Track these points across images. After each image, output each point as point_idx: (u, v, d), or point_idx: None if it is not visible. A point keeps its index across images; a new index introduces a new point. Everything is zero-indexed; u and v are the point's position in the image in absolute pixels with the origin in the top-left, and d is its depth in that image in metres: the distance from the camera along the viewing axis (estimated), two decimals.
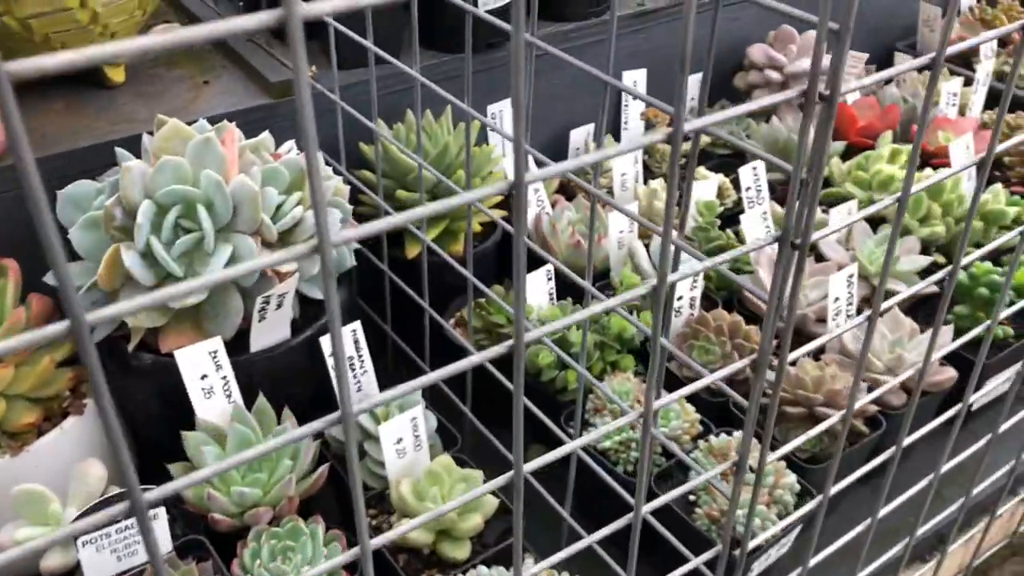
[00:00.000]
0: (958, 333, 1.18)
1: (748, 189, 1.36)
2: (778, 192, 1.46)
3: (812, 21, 0.49)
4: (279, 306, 0.96)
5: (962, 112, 1.61)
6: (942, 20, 1.82)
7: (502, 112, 1.40)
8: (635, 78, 1.52)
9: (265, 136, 1.05)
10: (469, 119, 0.93)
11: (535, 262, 1.20)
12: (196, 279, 0.30)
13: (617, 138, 1.56)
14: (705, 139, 1.51)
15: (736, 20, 1.60)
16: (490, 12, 1.28)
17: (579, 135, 1.49)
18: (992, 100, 1.66)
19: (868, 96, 1.59)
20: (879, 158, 1.37)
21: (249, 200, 0.95)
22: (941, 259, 1.29)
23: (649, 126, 1.52)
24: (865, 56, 1.57)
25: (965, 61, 1.80)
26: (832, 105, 0.52)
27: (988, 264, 1.19)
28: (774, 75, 1.54)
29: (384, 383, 1.21)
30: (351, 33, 1.05)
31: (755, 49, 1.57)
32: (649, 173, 1.51)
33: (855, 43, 1.77)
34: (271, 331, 0.99)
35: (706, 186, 1.31)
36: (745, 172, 1.35)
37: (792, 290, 0.58)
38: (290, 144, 1.09)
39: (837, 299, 1.12)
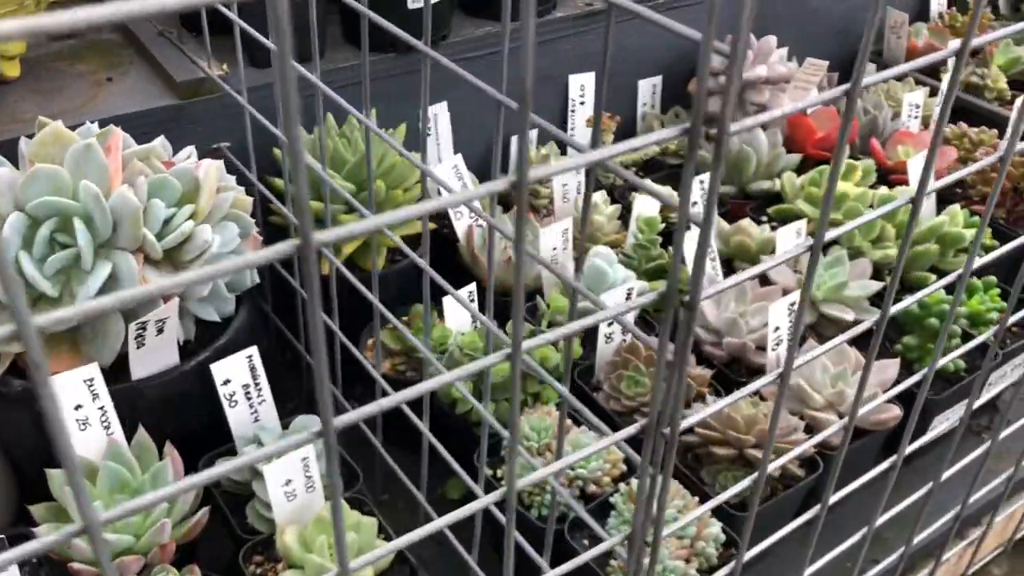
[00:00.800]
0: (907, 366, 1.11)
1: (695, 205, 1.28)
2: (728, 207, 1.39)
3: (695, 39, 0.41)
4: (160, 331, 0.88)
5: (926, 124, 1.54)
6: (910, 27, 1.75)
7: (436, 116, 1.31)
8: (583, 82, 1.44)
9: (157, 143, 0.96)
10: (369, 128, 0.85)
11: (465, 278, 1.13)
12: (70, 306, 0.22)
13: (563, 148, 1.48)
14: (650, 151, 1.43)
15: (692, 23, 1.51)
16: (415, 10, 1.19)
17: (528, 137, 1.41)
18: (960, 112, 1.59)
19: (828, 106, 1.52)
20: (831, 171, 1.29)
21: (130, 215, 0.86)
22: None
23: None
24: (825, 64, 1.50)
25: (932, 70, 1.72)
26: (720, 146, 0.44)
27: (941, 292, 1.12)
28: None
29: (299, 408, 1.13)
30: (253, 31, 0.96)
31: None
32: (597, 183, 1.43)
33: (816, 49, 1.69)
34: (153, 357, 0.90)
35: (648, 200, 1.24)
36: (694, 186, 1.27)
37: (681, 349, 0.50)
38: (190, 150, 1.00)
39: (777, 328, 1.04)
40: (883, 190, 1.26)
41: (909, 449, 0.78)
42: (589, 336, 1.09)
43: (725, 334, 1.10)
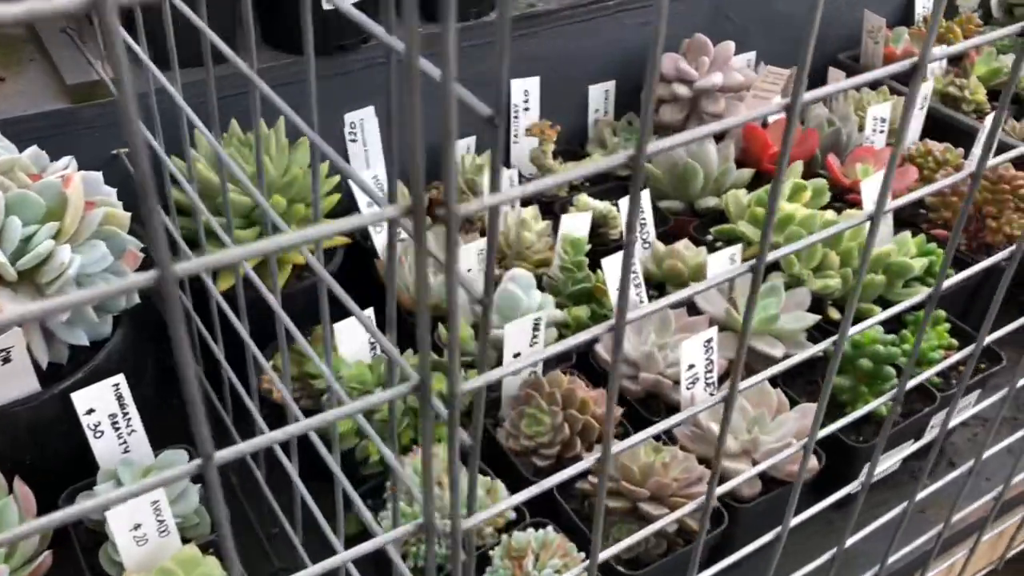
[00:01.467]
0: (837, 409, 1.04)
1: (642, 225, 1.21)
2: (671, 224, 1.31)
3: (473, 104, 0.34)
4: (6, 360, 0.82)
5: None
6: (888, 31, 1.66)
7: (363, 121, 1.25)
8: (527, 87, 1.37)
9: (27, 153, 0.90)
10: (254, 134, 0.78)
11: (383, 298, 1.06)
12: None
13: (507, 154, 1.41)
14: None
15: (645, 25, 1.44)
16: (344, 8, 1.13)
17: (457, 149, 1.34)
18: (936, 126, 1.50)
19: None
20: (779, 194, 1.21)
21: None
22: (836, 315, 1.14)
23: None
24: (786, 72, 1.41)
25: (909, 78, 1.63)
26: (452, 226, 0.37)
27: (876, 330, 1.04)
28: (682, 90, 1.38)
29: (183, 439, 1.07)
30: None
31: (665, 59, 1.41)
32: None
33: (788, 55, 1.61)
34: (7, 385, 0.85)
35: (577, 219, 1.16)
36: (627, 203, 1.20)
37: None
38: (68, 161, 0.94)
39: (692, 367, 0.97)
40: (831, 213, 1.18)
41: (834, 498, 0.71)
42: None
43: (642, 368, 1.03)
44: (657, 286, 1.20)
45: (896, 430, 1.03)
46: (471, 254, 1.08)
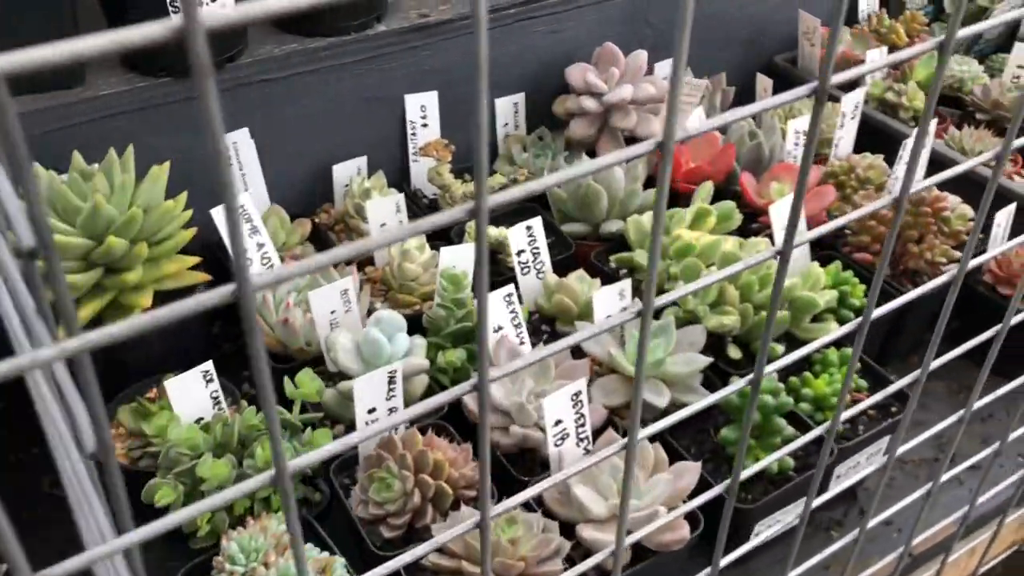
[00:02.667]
0: (725, 462, 0.96)
1: (521, 253, 1.12)
2: (575, 249, 1.22)
3: None
4: None
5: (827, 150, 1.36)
6: (823, 31, 1.56)
7: (236, 144, 1.16)
8: (423, 102, 1.28)
9: None
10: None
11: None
12: None
13: (406, 173, 1.32)
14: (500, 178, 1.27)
15: (556, 32, 1.34)
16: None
17: (346, 171, 1.25)
18: (872, 135, 1.41)
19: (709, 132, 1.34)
20: (681, 220, 1.13)
21: None
22: (736, 354, 1.05)
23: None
24: (703, 84, 1.32)
25: (851, 83, 1.54)
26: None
27: (772, 379, 0.96)
28: (590, 104, 1.29)
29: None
30: None
31: (574, 71, 1.32)
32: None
33: (718, 61, 1.51)
34: None
35: (459, 251, 1.08)
36: (517, 232, 1.12)
37: None
38: None
39: (559, 422, 0.89)
40: (732, 242, 1.09)
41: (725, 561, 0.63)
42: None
43: (515, 419, 0.95)
44: (550, 320, 1.12)
45: (792, 485, 0.95)
46: (335, 292, 1.00)
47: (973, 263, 0.57)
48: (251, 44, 1.14)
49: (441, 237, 1.24)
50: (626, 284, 1.05)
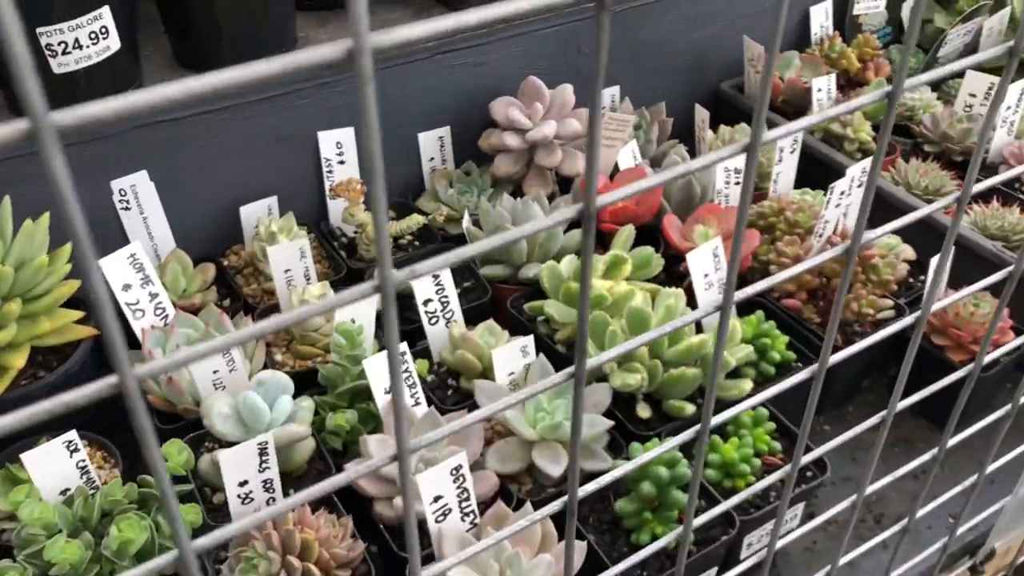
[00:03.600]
0: (623, 534, 0.91)
1: (428, 302, 1.07)
2: (493, 293, 1.17)
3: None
4: None
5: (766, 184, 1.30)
6: (782, 53, 1.50)
7: (135, 187, 1.11)
8: (339, 139, 1.23)
9: None
10: None
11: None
12: None
13: (324, 211, 1.27)
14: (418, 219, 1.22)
15: (480, 64, 1.29)
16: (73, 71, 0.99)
17: (256, 211, 1.20)
18: (814, 168, 1.35)
19: (639, 167, 1.29)
20: (593, 269, 1.08)
21: None
22: (646, 413, 1.00)
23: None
24: (631, 119, 1.27)
25: (799, 110, 1.48)
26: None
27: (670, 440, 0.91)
28: (513, 141, 1.24)
29: None
30: None
31: (498, 105, 1.27)
32: (328, 261, 1.22)
33: (661, 89, 1.46)
34: None
35: (357, 305, 1.03)
36: (424, 282, 1.07)
37: None
38: None
39: (439, 498, 0.84)
40: (640, 298, 1.03)
41: None
42: None
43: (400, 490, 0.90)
44: (456, 374, 1.07)
45: (693, 561, 0.90)
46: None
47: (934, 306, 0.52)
48: (146, 81, 1.10)
49: (357, 278, 1.19)
50: (528, 340, 1.00)
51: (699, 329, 1.06)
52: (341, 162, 1.24)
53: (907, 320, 0.56)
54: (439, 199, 1.30)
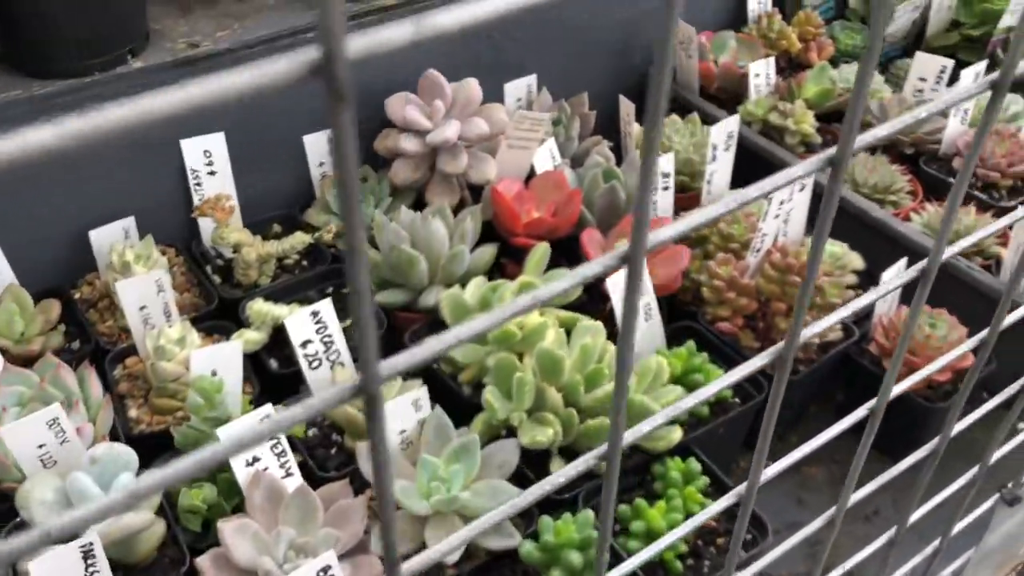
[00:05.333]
0: None
1: (307, 344, 0.92)
2: (391, 323, 1.02)
3: None
4: None
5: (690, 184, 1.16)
6: (707, 39, 1.36)
7: None
8: (206, 147, 1.06)
9: None
10: None
11: None
12: None
13: (194, 229, 1.10)
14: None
15: (370, 65, 1.12)
16: None
17: (108, 235, 1.03)
18: (756, 164, 1.22)
19: (558, 169, 1.14)
20: (500, 297, 0.93)
21: None
22: (559, 463, 0.86)
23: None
24: (545, 117, 1.11)
25: (735, 97, 1.34)
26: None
27: (587, 513, 0.77)
28: (411, 145, 1.08)
29: None
30: None
31: (394, 103, 1.10)
32: (202, 293, 1.06)
33: (583, 78, 1.31)
34: None
35: (223, 351, 0.87)
36: (299, 320, 0.91)
37: None
38: None
39: None
40: (551, 333, 0.89)
41: None
42: None
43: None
44: (340, 429, 0.92)
45: None
46: (38, 424, 0.78)
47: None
48: None
49: (230, 311, 1.03)
50: (421, 393, 0.85)
51: None
52: (211, 173, 1.07)
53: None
54: (330, 210, 1.14)
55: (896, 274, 1.01)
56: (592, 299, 1.03)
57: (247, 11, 1.06)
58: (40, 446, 0.79)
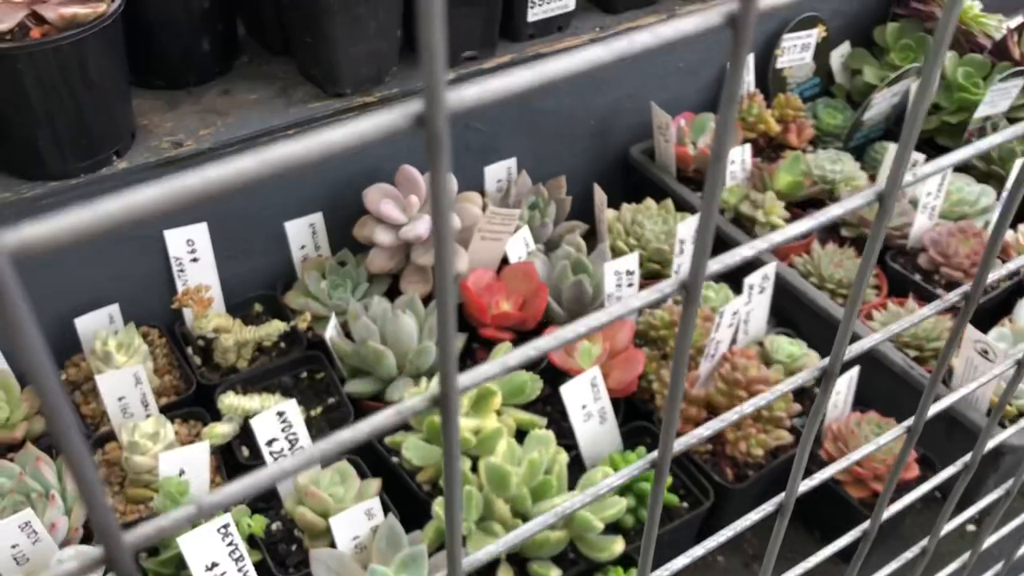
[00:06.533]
0: None
1: (272, 442, 0.96)
2: (357, 415, 1.06)
3: None
4: None
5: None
6: (686, 121, 1.39)
7: None
8: (190, 236, 1.11)
9: None
10: None
11: None
12: None
13: (179, 313, 1.15)
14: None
15: (359, 151, 1.16)
16: None
17: (94, 322, 1.08)
18: (719, 253, 1.25)
19: (528, 260, 1.18)
20: (464, 398, 0.97)
21: None
22: (507, 571, 0.90)
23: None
24: (515, 213, 1.15)
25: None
26: None
27: None
28: (385, 238, 1.12)
29: None
30: None
31: (371, 194, 1.15)
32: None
33: (559, 160, 1.35)
34: None
35: (191, 453, 0.92)
36: (265, 420, 0.96)
37: None
38: None
39: None
40: (502, 445, 0.93)
41: None
42: None
43: None
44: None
45: None
46: (10, 527, 0.83)
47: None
48: None
49: (206, 397, 1.08)
50: (374, 504, 0.89)
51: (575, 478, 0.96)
52: (194, 260, 1.12)
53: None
54: (309, 293, 1.19)
55: (847, 382, 1.05)
56: (555, 396, 1.07)
57: (230, 106, 1.11)
58: (13, 546, 0.85)
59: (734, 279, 1.15)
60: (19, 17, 0.92)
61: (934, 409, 0.50)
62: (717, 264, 0.32)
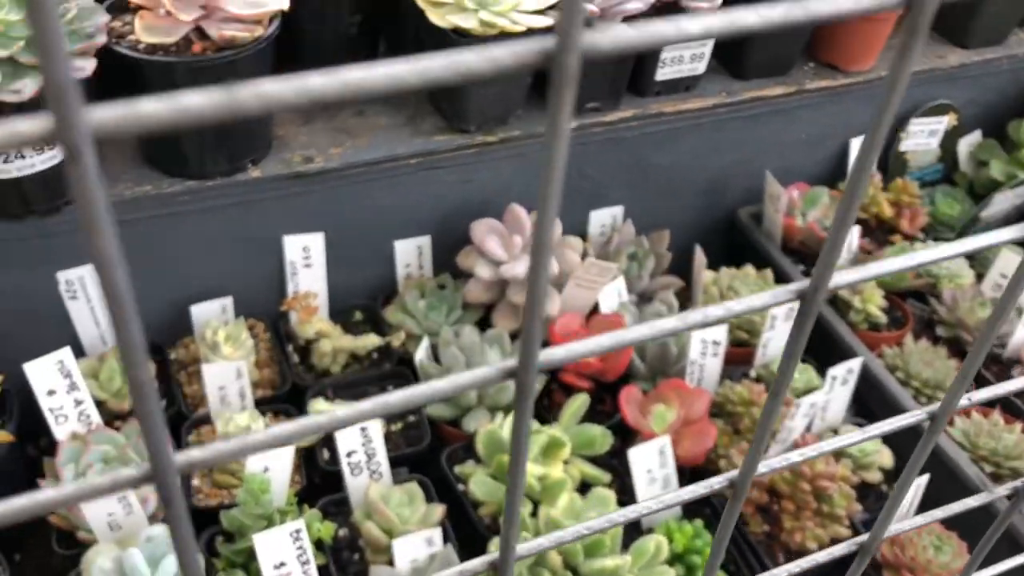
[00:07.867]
0: None
1: (351, 454, 1.03)
2: (436, 436, 1.12)
3: None
4: None
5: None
6: (799, 193, 1.40)
7: (83, 279, 1.08)
8: (306, 243, 1.18)
9: None
10: None
11: None
12: None
13: (285, 313, 1.23)
14: None
15: (468, 182, 1.22)
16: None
17: (207, 311, 1.17)
18: (818, 343, 1.26)
19: (617, 313, 1.21)
20: (535, 444, 1.01)
21: None
22: None
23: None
24: (612, 267, 1.18)
25: (814, 254, 1.38)
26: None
27: None
28: (485, 272, 1.17)
29: None
30: None
31: (478, 229, 1.20)
32: None
33: (669, 214, 1.37)
34: None
35: (271, 453, 0.99)
36: (348, 434, 1.02)
37: None
38: None
39: None
40: (562, 500, 0.97)
41: None
42: None
43: None
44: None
45: None
46: (110, 498, 0.92)
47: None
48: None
49: (297, 397, 1.15)
50: (435, 533, 0.94)
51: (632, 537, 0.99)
52: (307, 265, 1.19)
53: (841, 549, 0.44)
54: (407, 310, 1.25)
55: (915, 489, 1.05)
56: (624, 450, 1.10)
57: (362, 128, 1.17)
58: (110, 514, 0.93)
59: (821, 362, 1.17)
60: (184, 31, 1.00)
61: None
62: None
